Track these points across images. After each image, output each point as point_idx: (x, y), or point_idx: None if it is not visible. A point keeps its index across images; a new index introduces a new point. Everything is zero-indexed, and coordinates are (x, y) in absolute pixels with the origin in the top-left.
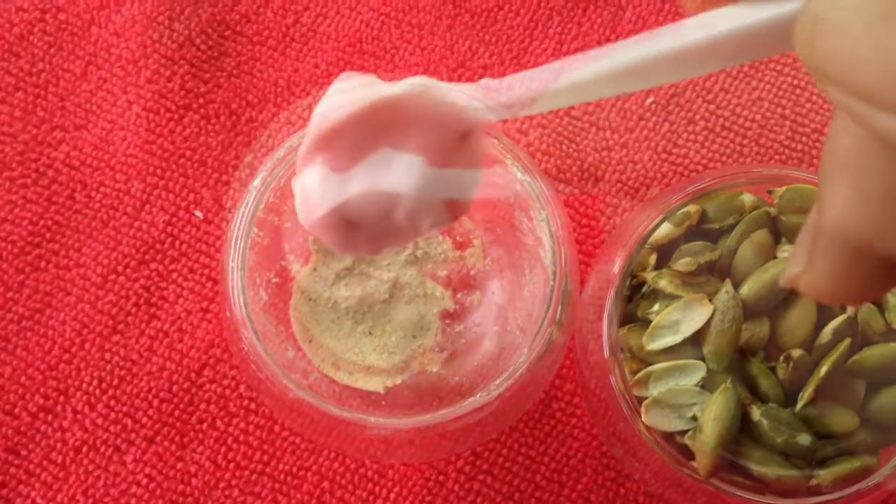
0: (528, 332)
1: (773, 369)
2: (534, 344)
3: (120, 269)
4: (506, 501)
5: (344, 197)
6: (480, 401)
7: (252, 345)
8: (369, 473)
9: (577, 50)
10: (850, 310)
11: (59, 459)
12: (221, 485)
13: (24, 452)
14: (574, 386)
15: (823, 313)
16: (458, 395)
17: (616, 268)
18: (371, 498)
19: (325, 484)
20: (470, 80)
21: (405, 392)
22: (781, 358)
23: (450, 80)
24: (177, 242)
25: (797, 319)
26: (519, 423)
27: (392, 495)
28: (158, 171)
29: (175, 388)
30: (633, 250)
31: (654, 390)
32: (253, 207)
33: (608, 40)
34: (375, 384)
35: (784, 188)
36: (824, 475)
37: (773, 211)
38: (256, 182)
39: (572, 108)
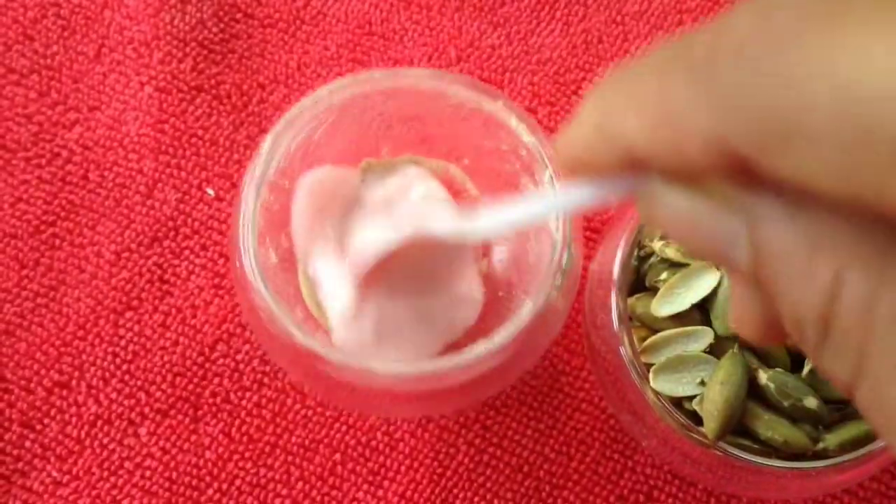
0: (532, 294)
1: None
2: (537, 298)
3: (133, 246)
4: (515, 474)
5: (393, 242)
6: (483, 350)
7: (261, 295)
8: (380, 446)
9: (583, 31)
10: None
11: (75, 433)
12: (235, 457)
13: (39, 427)
14: (582, 360)
15: None
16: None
17: (624, 238)
18: (382, 470)
19: (337, 456)
20: (478, 60)
21: None
22: None
23: (458, 59)
24: (189, 220)
25: None
26: (528, 397)
27: (403, 468)
28: (170, 150)
29: (188, 362)
30: (641, 220)
31: (663, 356)
32: (265, 164)
33: (614, 22)
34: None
35: None
36: (831, 439)
37: None
38: (268, 140)
39: (579, 87)
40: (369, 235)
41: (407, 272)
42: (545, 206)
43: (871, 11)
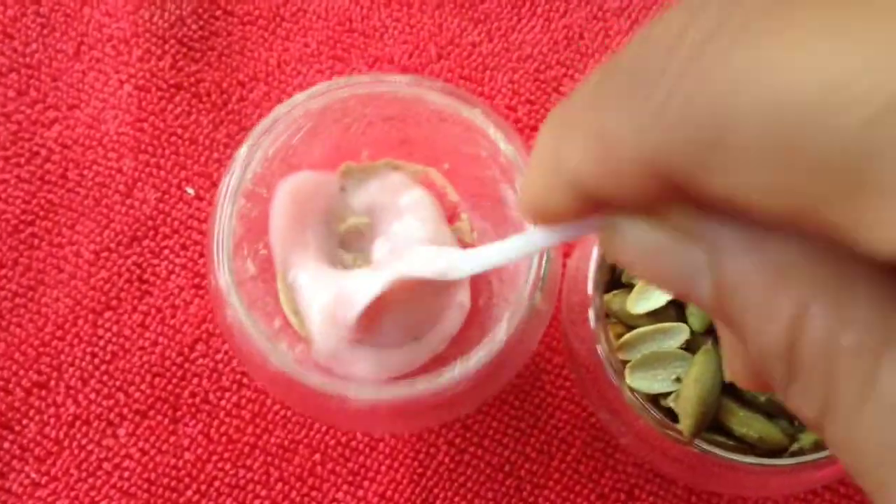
0: (512, 302)
1: None
2: (515, 311)
3: (112, 246)
4: (496, 473)
5: (379, 287)
6: (458, 374)
7: (235, 313)
8: (360, 446)
9: (564, 28)
10: None
11: (53, 434)
12: (214, 458)
13: (17, 428)
14: (563, 359)
15: None
16: (441, 366)
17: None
18: (362, 470)
19: (317, 456)
20: (458, 58)
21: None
22: None
23: (439, 57)
24: (168, 219)
25: None
26: (509, 396)
27: (383, 468)
28: (150, 149)
29: (167, 362)
30: (607, 259)
31: (639, 353)
32: (239, 175)
33: (595, 18)
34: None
35: None
36: (805, 438)
37: None
38: (243, 150)
39: (560, 84)
40: (354, 283)
41: (396, 314)
42: (522, 246)
43: (800, 10)
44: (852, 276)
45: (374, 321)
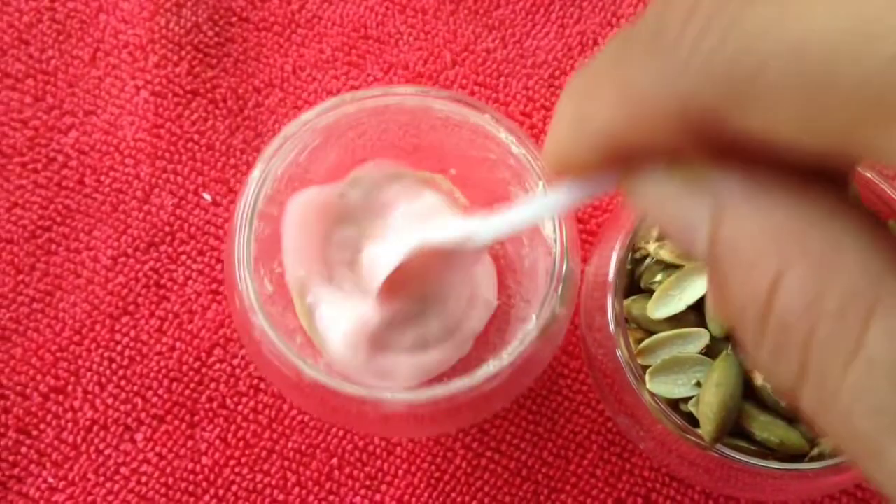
0: (533, 303)
1: None
2: (541, 313)
3: (129, 251)
4: (513, 477)
5: (401, 255)
6: (493, 369)
7: (262, 330)
8: (377, 451)
9: (578, 34)
10: None
11: (71, 439)
12: (231, 463)
13: (35, 432)
14: (580, 363)
15: None
16: (465, 369)
17: (619, 241)
18: (379, 475)
19: (334, 461)
20: (473, 64)
21: None
22: None
23: (453, 63)
24: (185, 225)
25: None
26: (526, 401)
27: (400, 472)
28: (167, 155)
29: (185, 367)
30: (636, 223)
31: (658, 358)
32: (255, 196)
33: (609, 24)
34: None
35: None
36: (826, 442)
37: None
38: (256, 172)
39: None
40: (377, 252)
41: (419, 284)
42: (543, 207)
43: None
44: (843, 242)
45: (395, 292)
